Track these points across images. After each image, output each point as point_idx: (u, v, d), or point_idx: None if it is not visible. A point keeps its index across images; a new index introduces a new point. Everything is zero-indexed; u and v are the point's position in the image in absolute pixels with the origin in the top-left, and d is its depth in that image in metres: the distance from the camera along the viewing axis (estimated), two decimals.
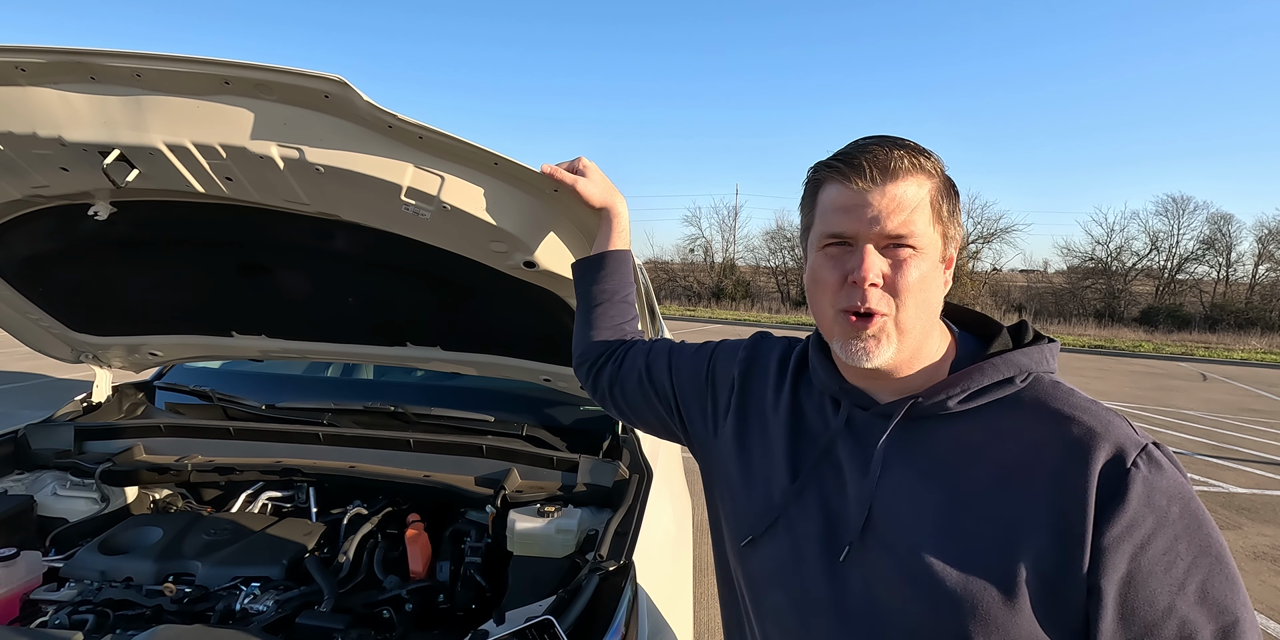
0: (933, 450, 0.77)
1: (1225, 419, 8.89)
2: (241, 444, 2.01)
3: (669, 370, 1.07)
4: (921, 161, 0.77)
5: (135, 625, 1.46)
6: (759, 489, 0.89)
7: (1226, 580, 0.66)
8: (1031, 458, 0.71)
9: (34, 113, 1.15)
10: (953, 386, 0.77)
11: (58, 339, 2.06)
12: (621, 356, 1.15)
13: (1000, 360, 0.77)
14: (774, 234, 33.82)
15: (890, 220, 0.75)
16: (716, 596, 0.96)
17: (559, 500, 1.72)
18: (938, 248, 0.78)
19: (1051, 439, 0.71)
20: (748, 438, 0.93)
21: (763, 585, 0.86)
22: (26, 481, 1.94)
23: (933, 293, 0.78)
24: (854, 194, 0.76)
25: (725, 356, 1.03)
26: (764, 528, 0.86)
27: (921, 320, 0.78)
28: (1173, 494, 0.67)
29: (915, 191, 0.76)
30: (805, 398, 0.91)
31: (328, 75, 1.09)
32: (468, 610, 1.66)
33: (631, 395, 1.11)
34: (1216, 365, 16.32)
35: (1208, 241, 29.44)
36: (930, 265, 0.77)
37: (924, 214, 0.76)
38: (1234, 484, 5.71)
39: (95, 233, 1.54)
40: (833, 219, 0.78)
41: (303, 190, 1.29)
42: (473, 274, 1.50)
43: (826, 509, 0.81)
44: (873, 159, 0.76)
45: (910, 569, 0.73)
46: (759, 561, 0.87)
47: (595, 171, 1.22)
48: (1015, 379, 0.76)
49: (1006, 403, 0.76)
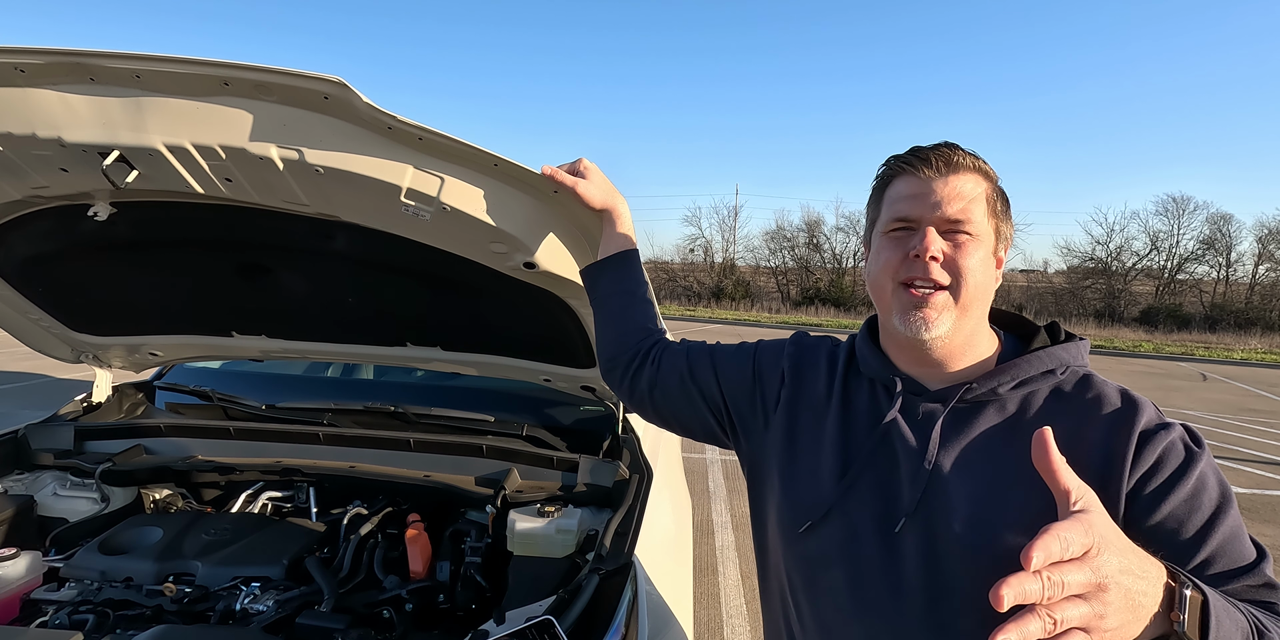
0: (985, 430, 0.84)
1: (1225, 419, 8.90)
2: (241, 444, 2.01)
3: (714, 370, 1.09)
4: (980, 164, 0.87)
5: (135, 625, 1.46)
6: (813, 478, 0.92)
7: (1239, 527, 0.76)
8: (1075, 433, 0.79)
9: (33, 114, 1.16)
10: (1003, 374, 0.85)
11: (58, 339, 2.06)
12: (658, 358, 1.14)
13: (1044, 354, 0.85)
14: (774, 234, 33.83)
15: (951, 205, 0.84)
16: (716, 596, 0.96)
17: (559, 500, 1.72)
18: (991, 240, 0.87)
19: (1093, 417, 0.80)
20: (799, 429, 0.97)
21: (818, 566, 0.89)
22: (26, 481, 1.94)
23: (987, 279, 0.86)
24: (921, 182, 0.86)
25: (769, 353, 1.07)
26: (821, 514, 0.89)
27: (977, 302, 0.85)
28: (1194, 456, 0.76)
29: (974, 186, 0.85)
30: (855, 390, 0.96)
31: (327, 76, 1.09)
32: (468, 610, 1.67)
33: (674, 397, 1.11)
34: (1216, 365, 16.31)
35: (1208, 241, 29.41)
36: (985, 253, 0.85)
37: (981, 206, 0.85)
38: (1234, 484, 5.71)
39: (95, 233, 1.54)
40: (900, 205, 0.87)
41: (302, 191, 1.29)
42: (473, 275, 1.50)
43: (882, 490, 0.86)
44: (939, 155, 0.86)
45: (966, 538, 0.79)
46: (814, 545, 0.90)
47: (596, 173, 1.22)
48: (1057, 371, 0.85)
49: (1050, 390, 0.85)
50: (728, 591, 3.30)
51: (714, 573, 3.49)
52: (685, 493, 2.55)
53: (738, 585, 3.37)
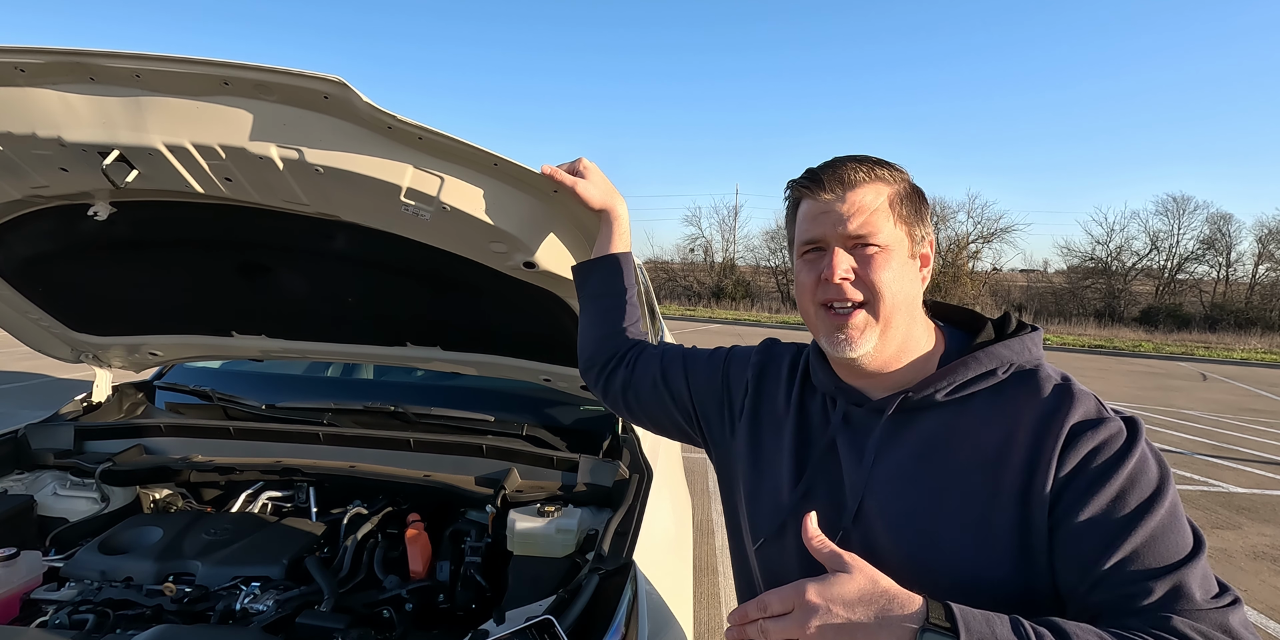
0: (922, 437, 0.84)
1: (1225, 419, 8.89)
2: (241, 444, 2.01)
3: (685, 376, 1.11)
4: (878, 172, 0.87)
5: (135, 625, 1.46)
6: (770, 489, 0.94)
7: (1166, 527, 0.72)
8: (1010, 436, 0.79)
9: (34, 113, 1.15)
10: (940, 381, 0.84)
11: (58, 339, 2.06)
12: (633, 361, 1.17)
13: (983, 354, 0.84)
14: (774, 234, 33.82)
15: (852, 222, 0.84)
16: (716, 596, 0.96)
17: (559, 500, 1.72)
18: (904, 245, 0.87)
19: (1027, 416, 0.79)
20: (761, 439, 0.98)
21: (782, 574, 0.90)
22: (26, 481, 1.94)
23: (907, 286, 0.86)
24: (820, 204, 0.87)
25: (738, 362, 1.08)
26: (775, 527, 0.91)
27: (899, 312, 0.85)
28: (1125, 452, 0.75)
29: (874, 197, 0.85)
30: (809, 399, 0.97)
31: (327, 76, 1.09)
32: (468, 610, 1.66)
33: (646, 400, 1.14)
34: (1216, 365, 16.31)
35: (1208, 241, 29.43)
36: (900, 261, 0.85)
37: (884, 215, 0.85)
38: (1234, 484, 5.71)
39: (95, 233, 1.54)
40: (805, 227, 0.88)
41: (302, 191, 1.29)
42: (472, 274, 1.50)
43: (831, 501, 0.88)
44: (833, 174, 0.86)
45: (901, 547, 0.80)
46: (773, 557, 0.93)
47: (596, 173, 1.22)
48: (998, 371, 0.83)
49: (990, 391, 0.83)
50: (728, 591, 3.30)
51: (714, 573, 3.49)
52: (685, 493, 2.55)
53: None
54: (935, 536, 0.78)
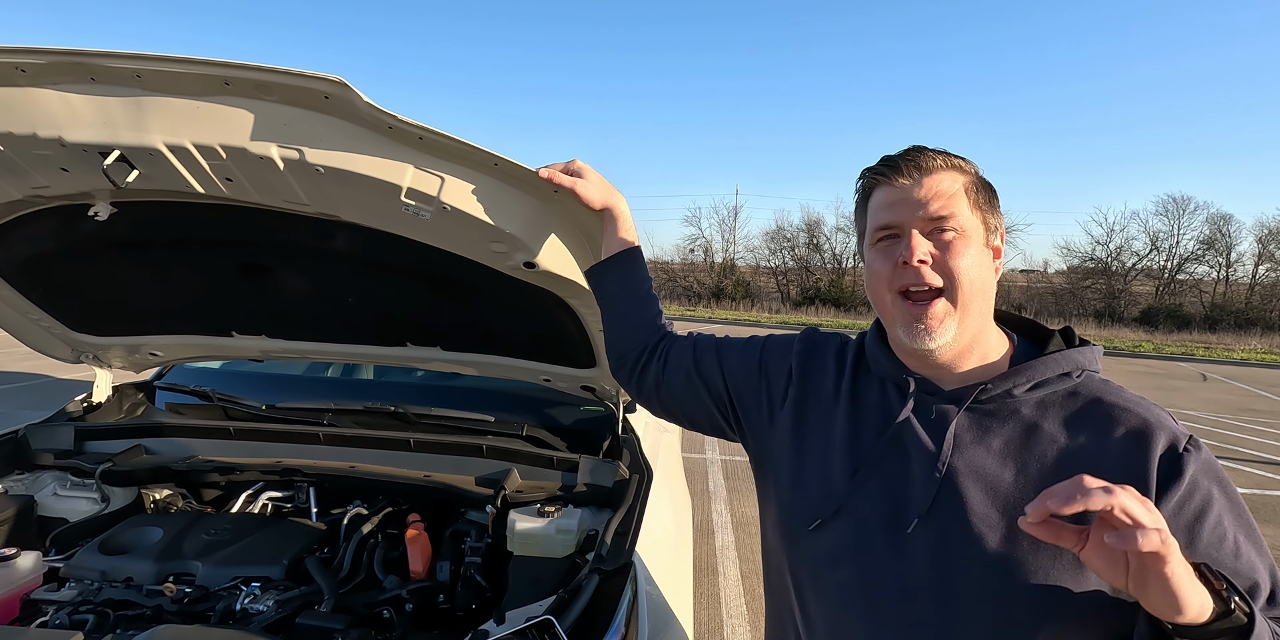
0: (1001, 433, 0.83)
1: (1225, 419, 8.89)
2: (241, 444, 2.02)
3: (719, 364, 1.08)
4: (954, 160, 0.87)
5: (135, 625, 1.46)
6: (820, 476, 0.92)
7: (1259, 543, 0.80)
8: (1094, 442, 0.79)
9: (34, 113, 1.16)
10: (1018, 376, 0.84)
11: (58, 339, 2.06)
12: (665, 353, 1.14)
13: (1060, 356, 0.85)
14: (774, 234, 33.79)
15: (931, 205, 0.84)
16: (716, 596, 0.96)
17: (559, 500, 1.72)
18: (980, 232, 0.86)
19: (1112, 427, 0.80)
20: (806, 427, 0.96)
21: (826, 565, 0.89)
22: (26, 481, 1.94)
23: (984, 274, 0.85)
24: (897, 190, 0.86)
25: (778, 349, 1.06)
26: (831, 512, 0.88)
27: (977, 301, 0.84)
28: (1215, 476, 0.78)
29: (950, 182, 0.85)
30: (864, 388, 0.95)
31: (327, 76, 1.09)
32: (468, 610, 1.67)
33: (680, 391, 1.11)
34: (1216, 365, 16.31)
35: (1208, 241, 29.39)
36: (977, 248, 0.85)
37: (961, 200, 0.85)
38: (1234, 484, 5.71)
39: (95, 233, 1.54)
40: (881, 214, 0.88)
41: (303, 191, 1.29)
42: (473, 274, 1.50)
43: (891, 491, 0.86)
44: (910, 161, 0.86)
45: (980, 542, 0.78)
46: (822, 544, 0.89)
47: (591, 172, 1.22)
48: (1072, 374, 0.84)
49: (1066, 394, 0.84)
50: (728, 591, 3.30)
51: (714, 573, 3.49)
52: (685, 493, 2.55)
53: (738, 585, 3.37)
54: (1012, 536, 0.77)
